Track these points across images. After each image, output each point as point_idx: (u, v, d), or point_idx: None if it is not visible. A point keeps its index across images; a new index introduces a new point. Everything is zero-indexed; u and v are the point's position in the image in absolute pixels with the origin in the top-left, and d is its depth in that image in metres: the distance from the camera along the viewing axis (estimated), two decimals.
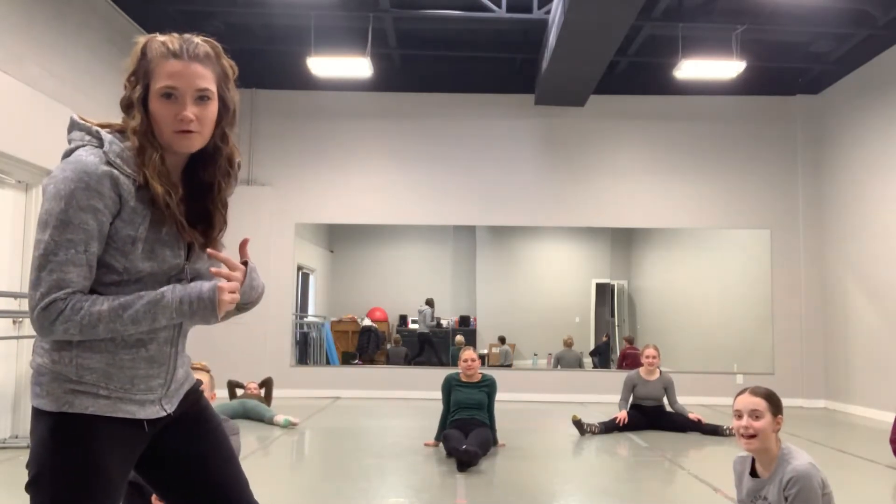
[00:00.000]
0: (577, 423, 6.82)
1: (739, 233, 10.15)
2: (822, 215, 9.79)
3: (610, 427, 6.92)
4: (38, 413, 1.52)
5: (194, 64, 1.53)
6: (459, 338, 10.35)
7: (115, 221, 1.49)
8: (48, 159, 6.23)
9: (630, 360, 9.82)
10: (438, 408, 6.03)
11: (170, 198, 1.53)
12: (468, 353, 6.02)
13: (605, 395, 9.02)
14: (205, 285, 1.54)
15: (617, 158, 10.17)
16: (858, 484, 4.99)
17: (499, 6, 8.03)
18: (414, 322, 10.91)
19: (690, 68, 8.46)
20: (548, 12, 8.00)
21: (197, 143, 1.57)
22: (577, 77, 8.67)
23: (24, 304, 6.11)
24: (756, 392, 2.67)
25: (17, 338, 6.06)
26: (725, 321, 10.27)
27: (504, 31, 9.11)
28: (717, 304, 10.35)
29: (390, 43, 9.12)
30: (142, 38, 1.57)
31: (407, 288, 11.13)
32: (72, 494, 1.47)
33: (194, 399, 1.72)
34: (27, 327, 6.14)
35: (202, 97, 1.54)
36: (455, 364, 6.94)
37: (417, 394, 9.44)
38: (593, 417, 7.09)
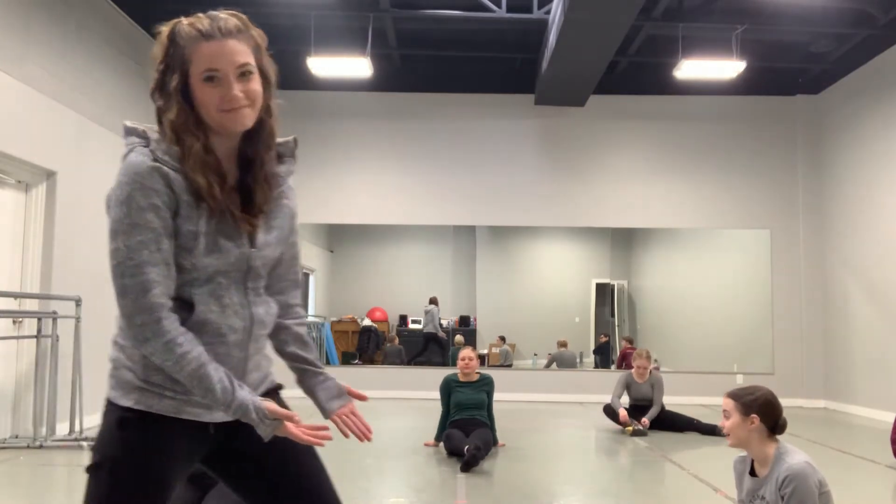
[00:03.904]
0: (634, 431, 6.89)
1: (739, 233, 10.15)
2: (822, 215, 9.79)
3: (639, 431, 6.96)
4: (109, 404, 1.54)
5: (229, 41, 1.48)
6: (459, 337, 10.35)
7: (177, 219, 1.47)
8: (48, 159, 6.23)
9: (629, 360, 9.82)
10: (438, 408, 6.03)
11: (214, 188, 1.49)
12: (466, 352, 6.03)
13: (605, 396, 9.00)
14: (268, 415, 1.50)
15: (617, 158, 10.17)
16: (858, 484, 4.99)
17: (499, 6, 8.03)
18: (415, 322, 10.91)
19: (690, 68, 8.46)
20: (548, 12, 8.00)
21: (248, 117, 1.52)
22: (577, 77, 8.67)
23: (24, 304, 6.11)
24: (729, 393, 2.78)
25: (17, 338, 6.05)
26: (725, 321, 10.27)
27: (504, 31, 9.10)
28: (717, 304, 10.35)
29: (390, 43, 9.12)
30: (165, 26, 1.51)
31: (407, 288, 11.13)
32: (127, 488, 1.49)
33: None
34: (27, 327, 6.14)
35: (244, 73, 1.50)
36: (454, 364, 6.94)
37: (417, 394, 9.44)
38: (593, 417, 7.09)
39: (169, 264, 1.46)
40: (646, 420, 6.98)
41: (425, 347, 10.75)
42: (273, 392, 1.73)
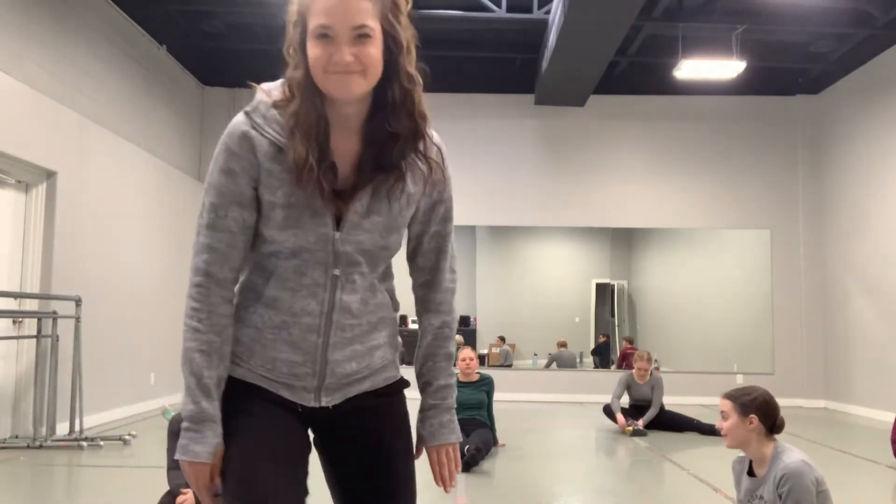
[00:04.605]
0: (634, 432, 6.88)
1: (739, 233, 10.15)
2: (822, 215, 9.79)
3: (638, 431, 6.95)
4: None
5: None
6: (459, 338, 10.35)
7: (259, 187, 1.41)
8: (48, 159, 6.23)
9: (629, 360, 9.82)
10: None
11: (309, 159, 1.36)
12: (465, 353, 6.03)
13: (604, 396, 9.00)
14: (204, 448, 1.39)
15: (617, 158, 10.17)
16: (858, 484, 4.99)
17: (499, 6, 8.03)
18: (414, 322, 10.88)
19: (690, 68, 8.46)
20: (548, 12, 8.01)
21: (357, 85, 1.35)
22: (577, 77, 8.67)
23: (24, 304, 6.11)
24: (726, 394, 2.80)
25: (17, 338, 6.05)
26: (725, 321, 10.27)
27: (504, 31, 9.10)
28: (717, 304, 10.35)
29: None
30: None
31: (406, 288, 11.09)
32: (233, 448, 1.43)
33: (373, 404, 1.61)
34: (27, 327, 6.14)
35: (361, 35, 1.33)
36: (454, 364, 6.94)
37: (418, 394, 9.44)
38: (593, 417, 7.09)
39: (232, 232, 1.42)
40: (640, 422, 6.96)
41: None
42: (386, 391, 1.64)
